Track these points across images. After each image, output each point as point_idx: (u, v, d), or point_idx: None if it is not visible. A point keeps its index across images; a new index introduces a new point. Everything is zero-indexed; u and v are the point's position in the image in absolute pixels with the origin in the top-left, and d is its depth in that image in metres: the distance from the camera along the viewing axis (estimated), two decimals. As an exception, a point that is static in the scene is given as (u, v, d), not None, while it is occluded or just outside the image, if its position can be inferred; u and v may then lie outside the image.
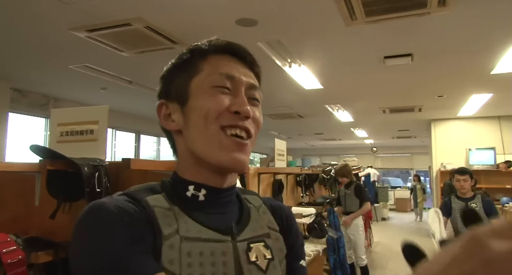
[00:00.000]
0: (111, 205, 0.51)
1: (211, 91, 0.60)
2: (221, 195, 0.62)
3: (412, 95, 6.00)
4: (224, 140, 0.58)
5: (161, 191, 0.59)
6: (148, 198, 0.56)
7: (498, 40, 3.52)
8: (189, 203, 0.59)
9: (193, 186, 0.60)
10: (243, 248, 0.59)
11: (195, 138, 0.59)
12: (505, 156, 7.52)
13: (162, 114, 0.64)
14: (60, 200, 1.48)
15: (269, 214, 0.69)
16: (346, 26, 3.15)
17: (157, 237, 0.52)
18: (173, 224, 0.54)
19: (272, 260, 0.62)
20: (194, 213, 0.58)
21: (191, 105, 0.60)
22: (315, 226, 3.20)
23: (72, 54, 3.93)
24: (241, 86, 0.61)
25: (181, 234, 0.53)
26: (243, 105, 0.59)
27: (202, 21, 3.09)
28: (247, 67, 0.65)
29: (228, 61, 0.63)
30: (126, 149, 8.00)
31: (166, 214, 0.55)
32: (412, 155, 14.68)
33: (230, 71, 0.61)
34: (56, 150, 1.60)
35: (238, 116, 0.59)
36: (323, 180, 4.57)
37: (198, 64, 0.62)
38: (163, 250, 0.51)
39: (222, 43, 0.64)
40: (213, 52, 0.63)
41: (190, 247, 0.53)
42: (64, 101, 5.93)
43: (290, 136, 11.41)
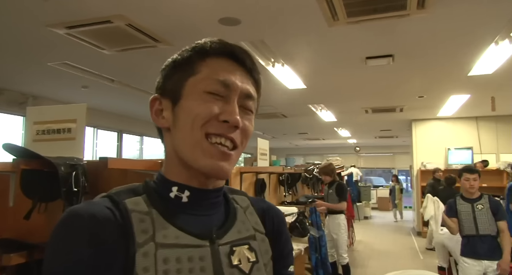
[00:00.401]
0: (86, 214, 0.51)
1: (204, 96, 0.59)
2: (205, 196, 0.61)
3: (394, 96, 6.10)
4: (208, 148, 0.57)
5: (143, 193, 0.58)
6: (127, 201, 0.55)
7: (474, 43, 3.61)
8: (171, 205, 0.58)
9: (177, 187, 0.60)
10: (225, 251, 0.58)
11: (180, 139, 0.59)
12: (481, 155, 7.73)
13: (154, 109, 0.64)
14: (36, 200, 1.44)
15: (256, 215, 0.68)
16: (328, 27, 3.18)
17: (130, 246, 0.51)
18: (149, 230, 0.53)
19: (256, 263, 0.61)
20: (174, 217, 0.57)
21: (181, 105, 0.60)
22: (297, 225, 3.23)
23: (51, 51, 3.85)
24: (235, 94, 0.60)
25: (157, 241, 0.53)
26: (232, 114, 0.58)
27: (184, 20, 3.07)
28: (246, 73, 0.63)
29: (227, 66, 0.61)
30: (108, 149, 7.88)
31: (143, 219, 0.54)
32: (394, 155, 14.94)
33: (227, 77, 0.60)
34: (32, 149, 1.56)
35: (227, 125, 0.58)
36: (306, 179, 4.60)
37: (196, 65, 0.61)
38: (136, 258, 0.50)
39: (223, 46, 0.63)
40: (213, 54, 0.62)
41: (166, 254, 0.52)
42: (43, 99, 5.80)
43: (274, 135, 11.45)
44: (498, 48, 3.62)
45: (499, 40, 3.48)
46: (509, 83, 5.08)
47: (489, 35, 3.40)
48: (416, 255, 6.45)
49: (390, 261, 6.04)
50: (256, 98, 0.65)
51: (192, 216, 0.59)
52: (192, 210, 0.60)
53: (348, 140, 13.11)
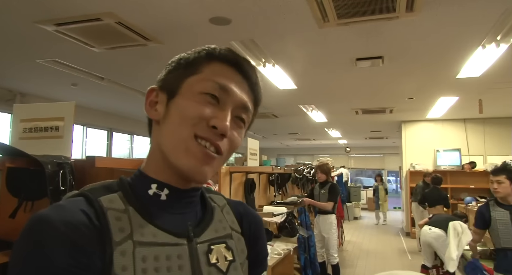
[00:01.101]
0: (58, 222, 0.48)
1: (199, 98, 0.58)
2: (184, 195, 0.61)
3: (384, 97, 6.16)
4: (192, 147, 0.56)
5: (118, 190, 0.57)
6: (102, 199, 0.54)
7: (462, 46, 3.67)
8: (148, 202, 0.58)
9: (156, 184, 0.59)
10: (203, 249, 0.58)
11: (166, 134, 0.58)
12: (469, 157, 7.85)
13: (149, 99, 0.63)
14: (21, 199, 1.43)
15: (232, 215, 0.68)
16: (318, 28, 3.20)
17: (107, 246, 0.50)
18: (126, 228, 0.52)
19: (233, 262, 0.61)
20: (151, 214, 0.56)
21: (175, 102, 0.59)
22: (286, 225, 3.24)
23: (40, 48, 3.80)
24: (231, 102, 0.59)
25: (135, 239, 0.52)
26: (223, 121, 0.57)
27: (175, 19, 3.06)
28: (247, 86, 0.62)
29: (230, 73, 0.61)
30: (98, 147, 7.81)
31: (119, 217, 0.53)
32: (384, 156, 15.07)
33: (227, 83, 0.59)
34: (19, 147, 1.54)
35: (214, 131, 0.57)
36: (296, 179, 4.62)
37: (200, 65, 0.61)
38: (114, 257, 0.49)
39: (232, 54, 0.62)
40: (219, 60, 0.61)
41: (144, 252, 0.52)
42: (31, 97, 5.73)
43: (265, 135, 11.47)
44: (485, 51, 3.68)
45: (486, 44, 3.54)
46: (496, 86, 5.17)
47: (476, 38, 3.46)
48: (404, 256, 6.52)
49: (378, 261, 6.09)
50: (252, 113, 0.65)
51: (169, 214, 0.59)
52: (170, 208, 0.59)
53: (338, 140, 13.19)
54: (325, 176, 4.50)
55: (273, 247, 2.93)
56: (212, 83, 0.59)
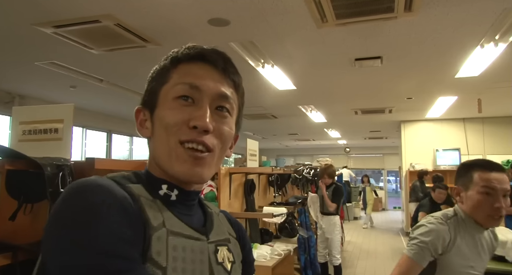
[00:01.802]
0: (108, 186, 0.48)
1: (173, 104, 0.59)
2: (189, 197, 0.63)
3: (383, 97, 6.17)
4: (181, 153, 0.57)
5: (137, 182, 0.58)
6: (131, 186, 0.55)
7: (461, 46, 3.67)
8: (163, 201, 0.59)
9: (167, 185, 0.60)
10: (212, 249, 0.61)
11: (157, 147, 0.60)
12: (469, 156, 7.84)
13: (139, 120, 0.65)
14: (21, 201, 1.43)
15: (227, 221, 0.72)
16: (317, 28, 3.21)
17: (146, 228, 0.51)
18: (159, 217, 0.54)
19: (234, 263, 0.65)
20: (172, 209, 0.58)
21: (156, 115, 0.61)
22: (286, 225, 3.24)
23: (38, 50, 3.80)
24: (206, 97, 0.59)
25: (168, 228, 0.54)
26: (201, 119, 0.57)
27: (174, 20, 3.07)
28: (220, 74, 0.62)
29: (198, 69, 0.61)
30: (97, 149, 7.81)
31: (151, 205, 0.54)
32: (384, 156, 15.07)
33: (195, 80, 0.59)
34: (18, 149, 1.54)
35: (197, 131, 0.57)
36: (296, 180, 4.62)
37: (169, 73, 0.62)
38: (152, 241, 0.51)
39: (193, 50, 0.62)
40: (184, 60, 0.62)
41: (175, 241, 0.54)
42: (30, 99, 5.72)
43: (264, 136, 11.47)
44: (483, 51, 3.69)
45: (484, 43, 3.55)
46: (495, 85, 5.18)
47: (474, 38, 3.46)
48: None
49: (379, 262, 6.09)
50: (235, 99, 0.64)
51: (178, 214, 0.60)
52: (178, 208, 0.60)
53: (338, 141, 13.19)
54: (331, 179, 4.54)
55: (273, 248, 2.93)
56: (181, 85, 0.60)
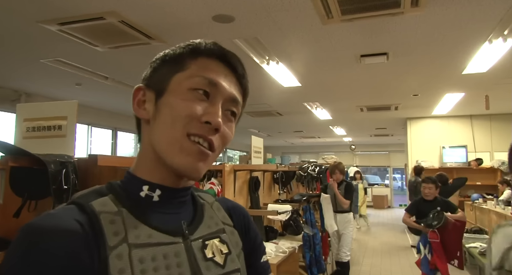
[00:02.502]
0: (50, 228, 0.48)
1: (188, 95, 0.58)
2: (176, 195, 0.62)
3: (389, 94, 6.12)
4: (187, 145, 0.56)
5: (109, 193, 0.57)
6: (94, 203, 0.54)
7: (468, 41, 3.62)
8: (141, 204, 0.58)
9: (148, 186, 0.59)
10: (198, 246, 0.59)
11: (159, 134, 0.58)
12: (476, 154, 7.78)
13: (137, 99, 0.62)
14: (25, 198, 1.43)
15: (222, 210, 0.70)
16: (322, 25, 3.18)
17: (101, 252, 0.50)
18: (121, 231, 0.52)
19: (229, 254, 0.63)
20: (145, 215, 0.57)
21: (165, 100, 0.59)
22: (291, 223, 3.23)
23: (44, 48, 3.81)
24: (221, 96, 0.59)
25: (130, 242, 0.52)
26: (215, 116, 0.57)
27: (178, 17, 3.05)
28: (235, 78, 0.63)
29: (217, 67, 0.61)
30: (102, 146, 7.85)
31: (113, 220, 0.53)
32: (390, 153, 14.99)
33: (215, 77, 0.59)
34: (22, 146, 1.54)
35: (208, 127, 0.57)
36: (301, 177, 4.60)
37: (186, 61, 0.60)
38: (109, 261, 0.49)
39: (217, 48, 0.62)
40: (205, 54, 0.61)
41: (141, 253, 0.52)
42: (36, 97, 5.76)
43: (269, 133, 11.45)
44: (491, 46, 3.63)
45: (492, 39, 3.50)
46: (502, 82, 5.11)
47: (482, 33, 3.41)
48: (410, 253, 6.48)
49: (384, 259, 6.06)
50: (241, 105, 0.65)
51: (162, 214, 0.59)
52: (162, 208, 0.59)
53: (343, 138, 13.14)
54: (343, 175, 4.52)
55: (278, 245, 2.92)
56: (201, 78, 0.59)
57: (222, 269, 0.60)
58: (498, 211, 5.33)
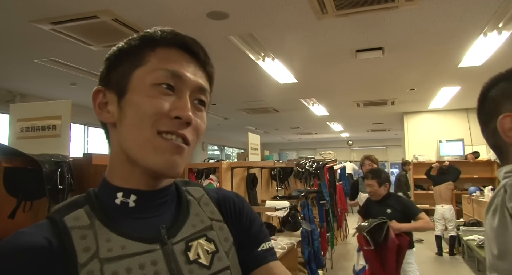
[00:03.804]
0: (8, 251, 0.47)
1: (152, 91, 0.54)
2: (153, 198, 0.58)
3: (385, 89, 6.12)
4: (159, 143, 0.54)
5: (85, 204, 0.55)
6: (67, 218, 0.52)
7: (463, 34, 3.62)
8: (116, 212, 0.56)
9: (122, 192, 0.56)
10: (180, 249, 0.56)
11: (128, 136, 0.55)
12: (473, 147, 7.80)
13: (97, 102, 0.59)
14: (20, 199, 1.42)
15: (211, 204, 0.65)
16: (317, 20, 3.17)
17: (72, 269, 0.48)
18: (92, 247, 0.51)
19: (216, 253, 0.60)
20: (119, 224, 0.54)
21: (128, 100, 0.55)
22: (289, 219, 3.23)
23: (37, 48, 3.78)
24: (187, 87, 0.56)
25: (102, 257, 0.50)
26: (185, 110, 0.54)
27: (172, 14, 3.04)
28: (199, 66, 0.59)
29: (178, 57, 0.57)
30: (100, 146, 7.81)
31: (84, 235, 0.51)
32: (387, 148, 15.01)
33: (178, 68, 0.56)
34: (17, 147, 1.53)
35: (179, 121, 0.54)
36: (298, 173, 4.60)
37: (145, 55, 0.57)
38: None
39: (175, 36, 0.58)
40: (164, 44, 0.57)
41: (113, 267, 0.50)
42: (31, 97, 5.72)
43: (266, 130, 11.45)
44: (487, 39, 3.64)
45: (487, 32, 3.50)
46: (498, 75, 5.12)
47: (477, 26, 3.41)
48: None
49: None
50: (209, 92, 0.61)
51: (140, 220, 0.57)
52: (140, 213, 0.57)
53: (340, 134, 13.15)
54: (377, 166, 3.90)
55: (276, 242, 2.92)
56: (163, 71, 0.55)
57: (208, 270, 0.57)
58: (495, 203, 5.34)
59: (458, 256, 5.80)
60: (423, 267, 5.23)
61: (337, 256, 5.68)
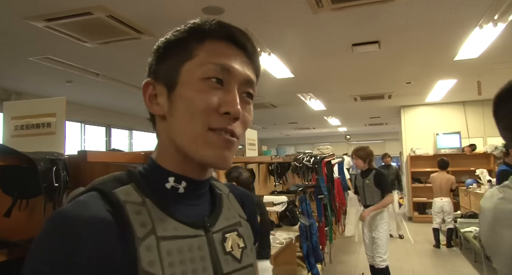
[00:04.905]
0: (81, 217, 0.47)
1: (201, 85, 0.55)
2: (199, 187, 0.60)
3: (382, 82, 6.12)
4: (211, 138, 0.54)
5: (130, 181, 0.55)
6: (117, 191, 0.52)
7: (459, 27, 3.62)
8: (165, 195, 0.57)
9: (174, 177, 0.57)
10: (218, 239, 0.58)
11: (179, 130, 0.56)
12: (469, 139, 7.83)
13: (148, 94, 0.59)
14: (15, 197, 1.41)
15: (236, 202, 0.68)
16: (313, 14, 3.16)
17: (130, 242, 0.49)
18: (148, 223, 0.51)
19: (245, 248, 0.62)
20: (169, 207, 0.55)
21: (178, 94, 0.56)
22: (287, 214, 3.24)
23: (31, 45, 3.75)
24: (236, 81, 0.56)
25: (158, 234, 0.51)
26: (233, 104, 0.54)
27: (167, 10, 3.02)
28: (246, 58, 0.59)
29: (226, 50, 0.57)
30: (96, 144, 7.80)
31: (139, 210, 0.52)
32: (385, 142, 15.04)
33: (227, 62, 0.56)
34: (11, 145, 1.52)
35: (228, 117, 0.55)
36: (296, 168, 4.61)
37: (193, 48, 0.56)
38: (140, 253, 0.48)
39: (223, 28, 0.58)
40: (212, 36, 0.57)
41: (169, 246, 0.51)
42: (27, 95, 5.69)
43: (264, 126, 11.44)
44: (482, 31, 3.63)
45: (483, 24, 3.49)
46: (494, 67, 5.12)
47: (473, 18, 3.41)
48: (407, 240, 6.55)
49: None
50: (255, 85, 0.62)
51: (185, 206, 0.58)
52: (187, 200, 0.58)
53: (338, 128, 13.16)
54: (363, 162, 3.84)
55: (274, 236, 2.93)
56: (212, 65, 0.55)
57: (239, 264, 0.59)
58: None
59: (456, 248, 5.84)
60: (421, 260, 5.27)
61: (336, 250, 5.71)
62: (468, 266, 4.90)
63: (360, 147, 4.01)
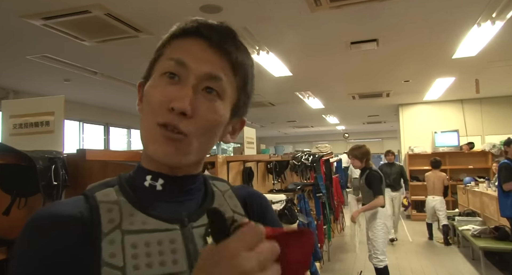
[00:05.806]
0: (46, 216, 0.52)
1: (158, 81, 0.56)
2: (178, 183, 0.61)
3: (380, 81, 6.12)
4: (156, 133, 0.55)
5: (116, 184, 0.59)
6: (98, 194, 0.56)
7: (457, 25, 3.62)
8: (144, 193, 0.59)
9: (151, 175, 0.60)
10: (200, 233, 0.59)
11: (140, 127, 0.59)
12: (467, 138, 7.85)
13: (139, 95, 0.62)
14: (14, 196, 1.41)
15: (235, 199, 0.68)
16: (311, 12, 3.16)
17: (96, 238, 0.52)
18: (116, 219, 0.54)
19: None
20: (144, 203, 0.57)
21: (144, 91, 0.59)
22: (286, 212, 3.24)
23: (29, 44, 3.74)
24: (192, 75, 0.54)
25: (124, 228, 0.54)
26: (180, 99, 0.53)
27: (165, 8, 3.01)
28: (215, 52, 0.56)
29: (190, 45, 0.56)
30: (95, 142, 7.79)
31: (110, 208, 0.55)
32: (383, 140, 15.07)
33: (183, 56, 0.55)
34: (10, 143, 1.52)
35: (174, 112, 0.53)
36: (294, 166, 4.61)
37: (163, 47, 0.59)
38: (102, 246, 0.52)
39: (190, 24, 0.57)
40: (179, 35, 0.58)
41: (133, 239, 0.53)
42: (24, 94, 5.68)
43: (263, 124, 11.44)
44: (480, 29, 3.64)
45: (481, 22, 3.50)
46: (492, 65, 5.13)
47: (471, 16, 3.41)
48: (406, 238, 6.57)
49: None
50: (231, 80, 0.58)
51: (165, 202, 0.59)
52: (166, 197, 0.60)
53: (336, 126, 13.17)
54: (359, 162, 3.81)
55: (273, 235, 2.93)
56: (168, 60, 0.56)
57: None
58: (489, 193, 5.40)
59: (454, 245, 5.86)
60: (419, 258, 5.29)
61: (334, 248, 5.73)
62: (466, 264, 4.92)
63: (355, 147, 3.95)
